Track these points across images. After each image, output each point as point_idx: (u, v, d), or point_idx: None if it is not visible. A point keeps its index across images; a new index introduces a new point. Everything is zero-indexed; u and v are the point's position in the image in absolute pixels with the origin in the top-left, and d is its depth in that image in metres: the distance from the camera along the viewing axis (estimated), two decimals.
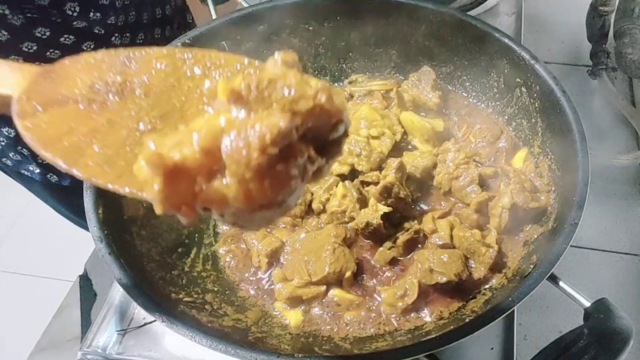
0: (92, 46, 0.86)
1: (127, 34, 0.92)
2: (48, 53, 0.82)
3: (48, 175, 1.00)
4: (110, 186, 0.36)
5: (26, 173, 1.00)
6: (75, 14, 0.81)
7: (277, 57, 0.35)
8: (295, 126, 0.31)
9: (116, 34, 0.90)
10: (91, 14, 0.84)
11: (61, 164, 0.38)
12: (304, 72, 0.35)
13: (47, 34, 0.80)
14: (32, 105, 0.40)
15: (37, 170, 0.98)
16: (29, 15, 0.76)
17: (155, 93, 0.41)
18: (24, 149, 0.93)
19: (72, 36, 0.83)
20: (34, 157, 0.95)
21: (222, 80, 0.34)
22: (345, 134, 0.35)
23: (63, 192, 1.06)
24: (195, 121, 0.34)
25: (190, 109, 0.40)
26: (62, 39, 0.82)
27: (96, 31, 0.86)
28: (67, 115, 0.40)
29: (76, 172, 0.37)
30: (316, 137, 0.34)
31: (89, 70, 0.43)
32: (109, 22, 0.88)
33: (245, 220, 0.33)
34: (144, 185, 0.31)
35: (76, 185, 1.02)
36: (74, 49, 0.84)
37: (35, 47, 0.80)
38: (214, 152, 0.30)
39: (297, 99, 0.32)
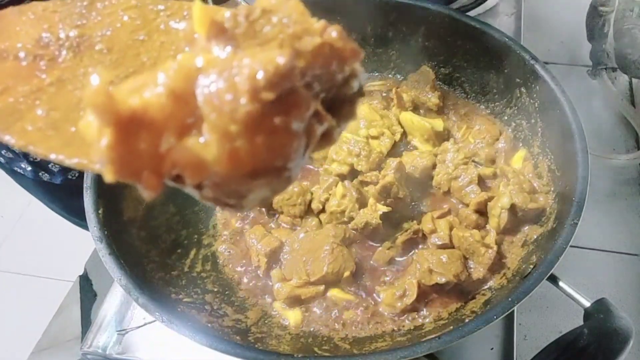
0: None
1: None
2: None
3: (40, 174, 1.00)
4: (53, 156, 0.29)
5: (19, 170, 0.99)
6: None
7: None
8: (298, 66, 0.23)
9: None
10: None
11: None
12: None
13: None
14: None
15: (29, 168, 0.98)
16: None
17: (120, 49, 0.34)
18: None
19: None
20: (25, 155, 0.95)
21: (200, 6, 0.26)
22: (360, 92, 0.28)
23: (55, 191, 1.06)
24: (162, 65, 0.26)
25: (159, 62, 0.33)
26: None
27: None
28: (3, 73, 0.34)
29: (8, 139, 0.31)
30: (325, 92, 0.26)
31: (37, 22, 0.37)
32: None
33: (232, 194, 0.25)
34: (91, 145, 0.23)
35: (68, 184, 1.02)
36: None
37: None
38: (188, 98, 0.23)
39: (299, 33, 0.25)
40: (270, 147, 0.23)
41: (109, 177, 0.22)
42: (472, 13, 1.04)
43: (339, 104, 0.27)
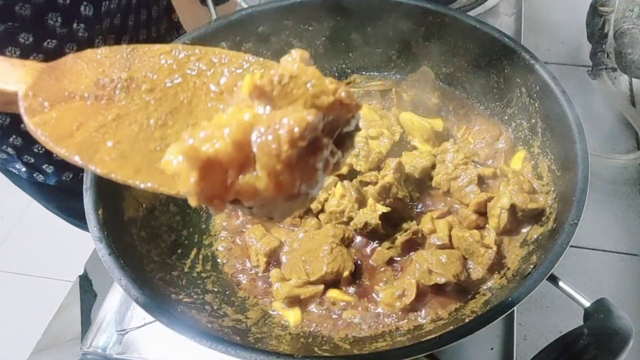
0: (74, 48, 0.86)
1: (112, 36, 0.92)
2: (31, 57, 0.82)
3: (34, 175, 1.00)
4: (130, 182, 0.36)
5: (14, 171, 1.00)
6: (57, 24, 0.81)
7: (295, 55, 0.36)
8: (321, 120, 0.33)
9: (100, 37, 0.89)
10: (74, 25, 0.84)
11: (78, 161, 0.38)
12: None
13: (31, 39, 0.80)
14: (38, 101, 0.40)
15: (23, 169, 0.98)
16: (10, 24, 0.76)
17: (161, 89, 0.42)
18: (9, 148, 0.93)
19: (55, 40, 0.83)
20: (19, 156, 0.95)
21: (248, 76, 0.34)
22: (357, 128, 0.37)
23: (50, 192, 1.06)
24: (217, 117, 0.35)
25: (199, 106, 0.41)
26: (45, 44, 0.82)
27: (80, 34, 0.85)
28: (75, 111, 0.40)
29: (94, 169, 0.37)
30: (332, 131, 0.35)
31: (93, 66, 0.43)
32: (94, 27, 0.87)
33: (272, 210, 0.34)
34: (173, 179, 0.32)
35: (63, 185, 1.02)
36: (57, 52, 0.83)
37: (18, 52, 0.80)
38: (245, 146, 0.31)
39: (318, 94, 0.33)
40: (302, 178, 0.32)
41: (193, 203, 0.31)
42: (472, 13, 1.04)
43: (342, 139, 0.36)
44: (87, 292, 0.82)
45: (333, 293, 0.69)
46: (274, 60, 0.42)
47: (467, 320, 0.55)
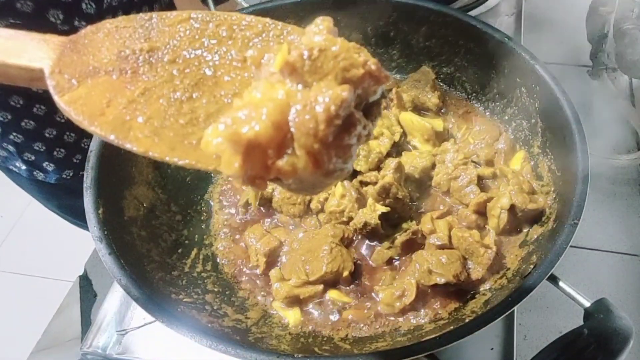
0: None
1: None
2: (76, 22, 0.82)
3: (34, 173, 1.00)
4: (168, 159, 0.36)
5: (14, 169, 1.00)
6: (59, 21, 0.82)
7: (321, 25, 0.35)
8: (354, 95, 0.33)
9: None
10: (76, 22, 0.84)
11: (113, 140, 0.36)
12: None
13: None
14: (65, 78, 0.39)
15: (24, 167, 0.98)
16: (11, 21, 0.77)
17: (184, 60, 0.40)
18: (10, 146, 0.93)
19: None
20: (19, 153, 0.95)
21: (279, 53, 0.34)
22: (383, 95, 0.37)
23: (50, 190, 1.06)
24: (249, 95, 0.34)
25: (223, 76, 0.40)
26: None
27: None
28: (102, 87, 0.38)
29: (130, 146, 0.36)
30: (361, 103, 0.35)
31: (113, 38, 0.41)
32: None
33: (309, 185, 0.35)
34: (209, 156, 0.33)
35: (63, 183, 1.02)
36: None
37: None
38: (282, 126, 0.32)
39: (348, 67, 0.33)
40: (338, 155, 0.33)
41: (238, 185, 0.34)
42: (473, 13, 1.04)
43: (369, 108, 0.36)
44: (87, 292, 0.82)
45: (333, 294, 0.69)
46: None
47: (467, 320, 0.55)
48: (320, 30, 0.35)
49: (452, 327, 0.54)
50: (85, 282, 0.83)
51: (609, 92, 1.05)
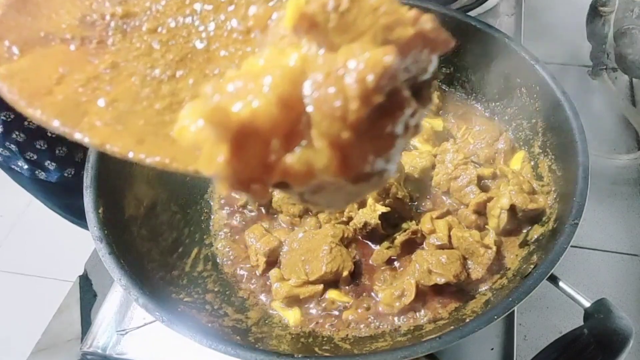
0: None
1: None
2: None
3: (36, 172, 1.00)
4: (131, 155, 0.28)
5: (16, 168, 1.00)
6: None
7: None
8: (400, 62, 0.22)
9: None
10: None
11: (58, 127, 0.28)
12: None
13: None
14: (5, 46, 0.30)
15: (26, 167, 0.98)
16: None
17: (169, 29, 0.31)
18: (12, 145, 0.93)
19: None
20: (21, 153, 0.95)
21: (292, 3, 0.24)
22: (435, 75, 0.26)
23: (51, 189, 1.06)
24: (249, 62, 0.25)
25: (220, 50, 0.31)
26: None
27: None
28: (54, 59, 0.30)
29: (80, 137, 0.28)
30: (407, 80, 0.24)
31: None
32: None
33: (331, 195, 0.24)
34: (191, 152, 0.23)
35: (65, 182, 1.02)
36: None
37: None
38: (294, 104, 0.22)
39: (392, 24, 0.23)
40: (377, 149, 0.22)
41: (223, 191, 0.22)
42: (472, 13, 1.04)
43: (418, 90, 0.25)
44: (87, 292, 0.82)
45: (332, 294, 0.69)
46: None
47: (467, 320, 0.55)
48: None
49: (452, 327, 0.54)
50: (85, 282, 0.83)
51: (609, 92, 1.05)
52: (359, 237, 0.74)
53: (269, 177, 0.22)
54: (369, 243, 0.73)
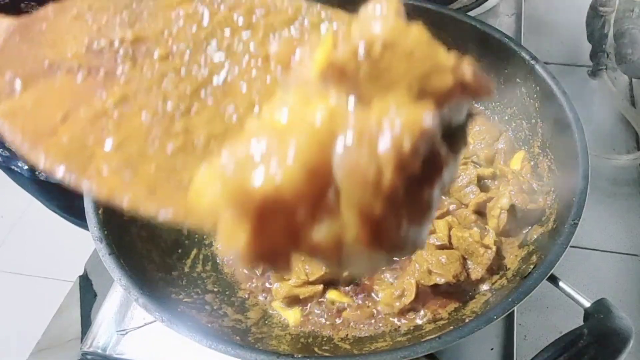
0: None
1: None
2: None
3: (36, 172, 0.99)
4: (142, 209, 0.25)
5: (16, 169, 1.00)
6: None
7: (385, 3, 0.23)
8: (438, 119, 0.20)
9: None
10: None
11: (63, 174, 0.26)
12: None
13: None
14: (6, 79, 0.28)
15: (26, 167, 0.98)
16: None
17: (181, 56, 0.29)
18: None
19: None
20: None
21: (320, 49, 0.22)
22: (470, 115, 0.24)
23: (52, 189, 1.06)
24: (270, 111, 0.22)
25: (237, 80, 0.28)
26: None
27: None
28: (59, 93, 0.27)
29: (87, 187, 0.25)
30: (444, 129, 0.22)
31: (84, 23, 0.29)
32: None
33: (358, 264, 0.22)
34: (206, 217, 0.21)
35: (64, 183, 1.02)
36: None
37: None
38: (322, 173, 0.19)
39: (430, 72, 0.21)
40: (411, 218, 0.20)
41: (243, 267, 0.20)
42: (472, 13, 1.04)
43: (452, 134, 0.23)
44: (87, 292, 0.82)
45: (332, 294, 0.69)
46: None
47: (467, 321, 0.55)
48: (383, 13, 0.22)
49: (452, 328, 0.54)
50: (85, 282, 0.83)
51: (609, 92, 1.05)
52: None
53: (293, 249, 0.20)
54: None
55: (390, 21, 0.22)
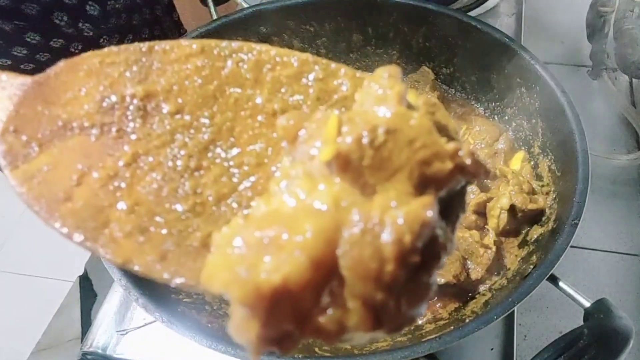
0: (79, 47, 0.87)
1: (116, 36, 0.93)
2: (38, 56, 0.83)
3: None
4: (156, 275, 0.25)
5: None
6: (63, 23, 0.82)
7: (386, 83, 0.24)
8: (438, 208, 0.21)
9: (105, 36, 0.90)
10: (80, 24, 0.84)
11: (80, 241, 0.25)
12: None
13: (37, 38, 0.81)
14: (22, 141, 0.27)
15: None
16: (16, 23, 0.77)
17: (190, 111, 0.28)
18: None
19: (62, 40, 0.84)
20: None
21: (328, 146, 0.23)
22: (469, 181, 0.25)
23: None
24: (275, 194, 0.23)
25: (243, 135, 0.28)
26: (51, 43, 0.83)
27: (85, 34, 0.86)
28: (74, 154, 0.27)
29: (103, 253, 0.25)
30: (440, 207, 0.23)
31: (95, 78, 0.29)
32: (100, 27, 0.88)
33: (359, 341, 0.23)
34: (217, 277, 0.22)
35: None
36: (63, 52, 0.84)
37: (25, 51, 0.81)
38: (328, 264, 0.21)
39: (429, 159, 0.22)
40: (410, 303, 0.22)
41: (252, 357, 0.21)
42: (472, 13, 1.04)
43: (448, 203, 0.24)
44: (87, 292, 0.82)
45: None
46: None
47: (467, 321, 0.55)
48: (386, 96, 0.23)
49: (452, 328, 0.54)
50: (85, 282, 0.83)
51: (609, 92, 1.05)
52: None
53: (300, 334, 0.21)
54: None
55: (393, 107, 0.23)
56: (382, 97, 0.24)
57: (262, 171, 0.27)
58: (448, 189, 0.23)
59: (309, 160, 0.24)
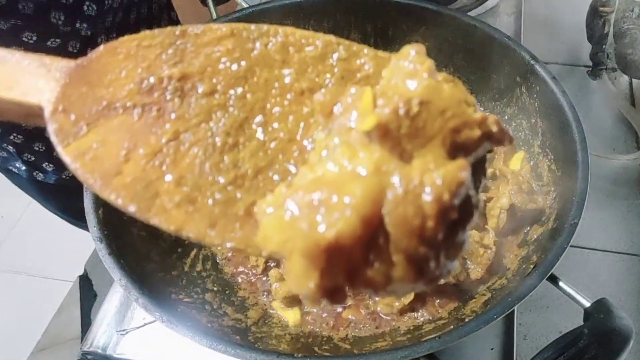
0: (77, 46, 0.86)
1: (114, 35, 0.92)
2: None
3: (34, 173, 1.00)
4: (207, 241, 0.27)
5: (14, 169, 1.00)
6: (60, 22, 0.82)
7: (414, 59, 0.26)
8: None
9: (103, 35, 0.90)
10: (77, 24, 0.84)
11: (134, 212, 0.27)
12: None
13: (34, 38, 0.81)
14: (71, 120, 0.29)
15: (23, 168, 0.98)
16: (13, 22, 0.77)
17: (223, 91, 0.30)
18: (9, 146, 0.93)
19: (59, 39, 0.83)
20: (19, 154, 0.95)
21: (372, 116, 0.25)
22: (490, 149, 0.27)
23: (49, 190, 1.06)
24: (318, 163, 0.25)
25: (275, 112, 0.30)
26: (48, 43, 0.83)
27: (82, 33, 0.86)
28: (119, 132, 0.29)
29: (158, 222, 0.27)
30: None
31: (134, 61, 0.31)
32: (97, 25, 0.88)
33: (397, 293, 0.25)
34: (263, 239, 0.24)
35: (63, 183, 1.02)
36: (60, 51, 0.84)
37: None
38: (375, 221, 0.23)
39: (460, 127, 0.25)
40: (448, 256, 0.24)
41: (311, 306, 0.24)
42: (472, 13, 1.04)
43: (474, 167, 0.26)
44: (87, 292, 0.82)
45: None
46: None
47: (467, 320, 0.55)
48: (417, 71, 0.25)
49: (452, 327, 0.54)
50: (85, 282, 0.83)
51: (609, 92, 1.05)
52: None
53: (351, 287, 0.24)
54: None
55: (424, 80, 0.25)
56: (413, 71, 0.26)
57: (295, 145, 0.29)
58: (476, 154, 0.25)
59: (345, 131, 0.25)
